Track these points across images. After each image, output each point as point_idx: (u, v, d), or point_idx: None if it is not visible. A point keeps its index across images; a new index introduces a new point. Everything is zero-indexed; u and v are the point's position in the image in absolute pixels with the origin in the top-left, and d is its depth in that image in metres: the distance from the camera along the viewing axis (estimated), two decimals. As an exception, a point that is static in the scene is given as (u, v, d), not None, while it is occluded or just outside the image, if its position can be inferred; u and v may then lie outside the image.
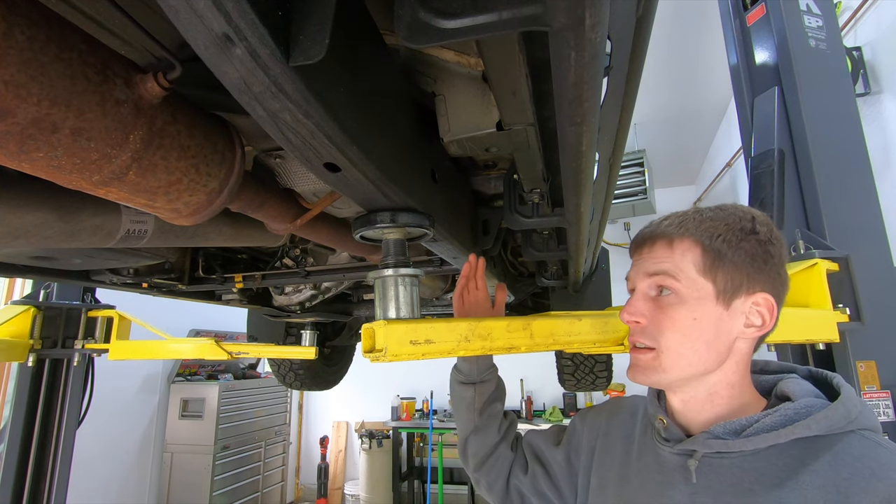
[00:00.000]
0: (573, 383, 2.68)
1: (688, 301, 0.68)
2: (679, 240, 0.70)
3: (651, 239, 0.73)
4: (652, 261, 0.72)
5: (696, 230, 0.69)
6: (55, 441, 2.12)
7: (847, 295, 1.58)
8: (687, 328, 0.68)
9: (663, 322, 0.69)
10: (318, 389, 2.82)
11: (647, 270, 0.72)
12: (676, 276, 0.69)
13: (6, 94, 0.40)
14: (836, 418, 0.63)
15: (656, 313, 0.70)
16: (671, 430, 0.73)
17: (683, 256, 0.69)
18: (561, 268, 1.64)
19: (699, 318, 0.68)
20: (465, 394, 1.05)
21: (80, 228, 0.80)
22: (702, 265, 0.68)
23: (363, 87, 0.54)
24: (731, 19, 2.19)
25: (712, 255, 0.67)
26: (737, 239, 0.68)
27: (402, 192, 0.66)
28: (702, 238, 0.68)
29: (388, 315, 0.79)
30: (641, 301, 0.72)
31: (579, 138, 0.51)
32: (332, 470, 6.08)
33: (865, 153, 1.79)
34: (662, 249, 0.71)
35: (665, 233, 0.72)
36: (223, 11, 0.31)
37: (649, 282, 0.72)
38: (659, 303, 0.70)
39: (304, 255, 1.57)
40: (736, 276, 0.67)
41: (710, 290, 0.68)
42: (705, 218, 0.70)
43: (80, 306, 2.14)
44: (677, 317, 0.68)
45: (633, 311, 0.72)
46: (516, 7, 0.34)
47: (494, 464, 1.00)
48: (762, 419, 0.65)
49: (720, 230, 0.68)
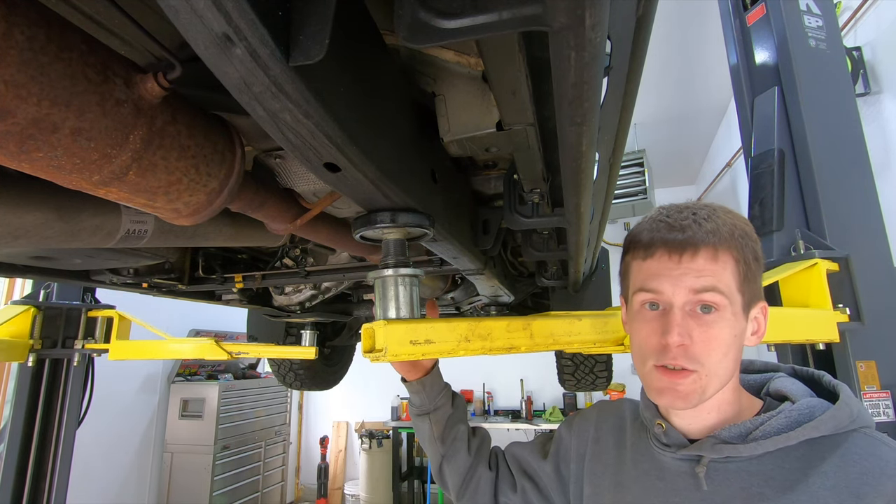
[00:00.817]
0: (573, 383, 2.68)
1: (729, 318, 0.64)
2: (723, 251, 0.65)
3: (693, 246, 0.65)
4: (696, 273, 0.64)
5: (730, 239, 0.65)
6: (55, 441, 2.12)
7: (847, 295, 1.58)
8: (729, 347, 0.64)
9: (709, 343, 0.64)
10: (318, 389, 2.82)
11: (692, 286, 0.64)
12: (724, 291, 0.64)
13: (6, 94, 0.40)
14: (841, 418, 0.63)
15: (700, 332, 0.64)
16: (672, 436, 0.72)
17: (725, 269, 0.64)
18: (561, 268, 1.64)
19: (738, 334, 0.66)
20: (423, 425, 0.99)
21: (80, 228, 0.80)
22: (737, 278, 0.65)
23: (363, 87, 0.54)
24: (731, 19, 2.19)
25: (744, 266, 0.65)
26: (753, 248, 0.67)
27: (402, 192, 0.66)
28: (737, 248, 0.65)
29: (388, 315, 0.79)
30: (686, 320, 0.65)
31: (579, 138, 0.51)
32: (332, 470, 6.08)
33: (865, 153, 1.79)
34: (707, 262, 0.64)
35: (707, 241, 0.65)
36: (223, 11, 0.31)
37: (694, 298, 0.64)
38: (701, 321, 0.64)
39: (304, 255, 1.57)
40: (754, 286, 0.67)
41: (741, 303, 0.66)
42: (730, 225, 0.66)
43: (80, 306, 2.14)
44: (723, 336, 0.64)
45: (683, 331, 0.64)
46: (516, 7, 0.34)
47: (476, 488, 0.95)
48: (767, 421, 0.65)
49: (745, 239, 0.66)
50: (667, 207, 0.72)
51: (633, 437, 0.81)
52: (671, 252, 0.66)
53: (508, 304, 2.14)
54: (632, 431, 0.82)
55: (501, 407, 5.88)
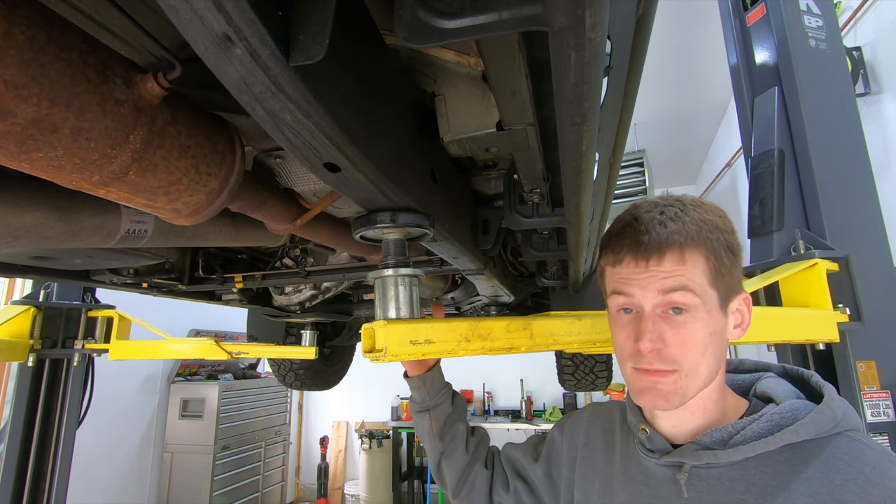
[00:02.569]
0: (573, 383, 2.68)
1: (702, 317, 0.63)
2: (689, 250, 0.63)
3: (658, 250, 0.64)
4: (664, 275, 0.64)
5: (698, 235, 0.64)
6: (55, 441, 2.12)
7: (847, 295, 1.58)
8: (706, 346, 0.63)
9: (685, 344, 0.63)
10: (318, 389, 2.82)
11: (660, 287, 0.63)
12: (695, 290, 0.63)
13: (6, 94, 0.40)
14: (823, 422, 0.62)
15: (674, 334, 0.63)
16: (655, 441, 0.71)
17: (695, 268, 0.63)
18: (561, 268, 1.64)
19: (714, 332, 0.64)
20: (423, 422, 1.00)
21: (80, 228, 0.80)
22: (709, 274, 0.64)
23: (363, 87, 0.54)
24: (731, 19, 2.19)
25: (716, 262, 0.64)
26: (726, 241, 0.65)
27: (401, 192, 0.66)
28: (706, 244, 0.64)
29: (388, 315, 0.79)
30: (656, 324, 0.64)
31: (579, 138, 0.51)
32: (332, 470, 6.08)
33: (865, 153, 1.79)
34: (674, 264, 0.63)
35: (673, 241, 0.64)
36: (223, 11, 0.31)
37: (663, 300, 0.64)
38: (673, 322, 0.64)
39: (304, 255, 1.57)
40: (730, 279, 0.66)
41: (716, 299, 0.64)
42: (698, 221, 0.65)
43: (80, 306, 2.14)
44: (697, 336, 0.63)
45: (654, 337, 0.63)
46: (516, 7, 0.34)
47: (473, 485, 0.97)
48: (748, 426, 0.64)
49: (715, 233, 0.65)
50: (637, 206, 0.71)
51: (622, 442, 0.80)
52: (637, 258, 0.66)
53: (508, 304, 2.14)
54: (621, 435, 0.82)
55: (501, 407, 5.88)
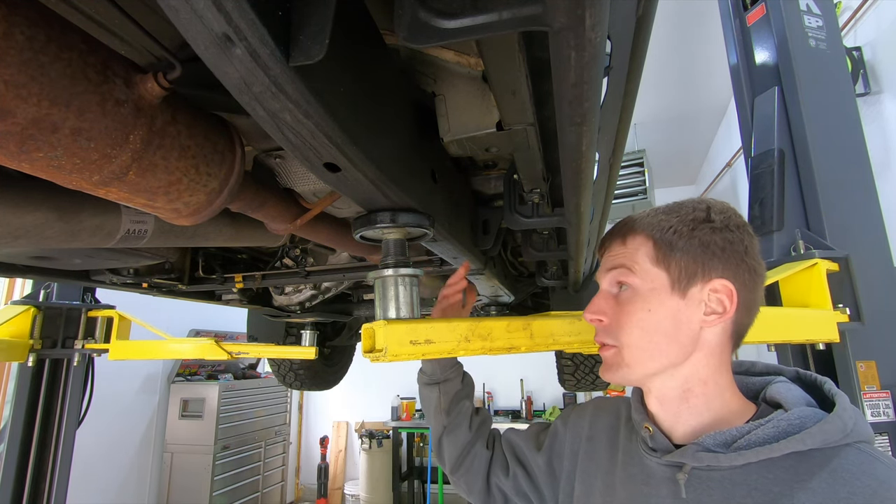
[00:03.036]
0: (573, 383, 2.68)
1: (643, 293, 0.69)
2: (631, 236, 0.72)
3: (609, 239, 0.76)
4: (609, 259, 0.74)
5: (647, 226, 0.71)
6: (55, 441, 2.12)
7: (847, 295, 1.58)
8: (644, 321, 0.68)
9: (622, 318, 0.70)
10: (318, 389, 2.82)
11: (606, 267, 0.74)
12: (631, 267, 0.70)
13: (6, 94, 0.40)
14: (831, 432, 0.60)
15: (616, 310, 0.71)
16: (657, 440, 0.71)
17: (637, 250, 0.71)
18: (561, 268, 1.64)
19: (654, 309, 0.68)
20: (431, 394, 1.04)
21: (80, 228, 0.80)
22: (654, 257, 0.69)
23: (363, 87, 0.54)
24: (731, 19, 2.19)
25: (664, 246, 0.68)
26: (688, 229, 0.68)
27: (402, 192, 0.66)
28: (652, 232, 0.70)
29: (388, 315, 0.79)
30: (602, 299, 0.74)
31: (579, 138, 0.51)
32: (332, 470, 6.08)
33: (865, 153, 1.79)
34: (618, 247, 0.74)
35: (618, 232, 0.75)
36: (223, 11, 0.31)
37: (608, 278, 0.74)
38: (618, 299, 0.72)
39: (304, 255, 1.57)
40: (690, 264, 0.67)
41: (664, 279, 0.68)
42: (658, 213, 0.72)
43: (80, 306, 2.14)
44: (633, 310, 0.69)
45: (595, 309, 0.73)
46: (516, 7, 0.34)
47: (471, 464, 0.98)
48: (754, 430, 0.63)
49: (671, 223, 0.69)
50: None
51: (625, 439, 0.80)
52: (600, 249, 0.79)
53: (508, 304, 2.14)
54: (624, 432, 0.81)
55: (501, 407, 5.88)
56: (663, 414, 0.72)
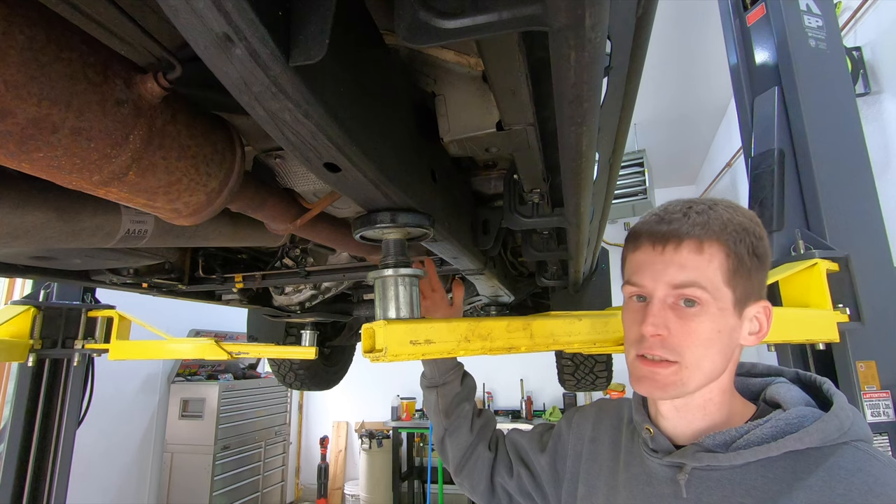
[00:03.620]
0: (573, 383, 2.68)
1: (713, 313, 0.64)
2: (709, 243, 0.64)
3: (676, 238, 0.65)
4: (678, 267, 0.64)
5: (721, 232, 0.64)
6: (55, 441, 2.12)
7: (847, 295, 1.58)
8: (710, 341, 0.64)
9: (689, 336, 0.64)
10: (318, 389, 2.82)
11: (672, 280, 0.65)
12: (706, 286, 0.63)
13: (6, 94, 0.40)
14: (828, 431, 0.61)
15: (680, 325, 0.64)
16: (659, 441, 0.71)
17: (710, 263, 0.64)
18: (561, 268, 1.64)
19: (722, 330, 0.64)
20: (430, 397, 1.04)
21: (80, 228, 0.80)
22: (726, 273, 0.64)
23: (363, 87, 0.54)
24: (731, 19, 2.19)
25: (735, 261, 0.64)
26: (753, 244, 0.65)
27: (401, 192, 0.66)
28: (727, 242, 0.64)
29: (388, 315, 0.79)
30: (664, 311, 0.65)
31: (579, 138, 0.51)
32: (332, 470, 6.08)
33: (865, 153, 1.79)
34: (690, 253, 0.64)
35: (692, 233, 0.64)
36: (223, 11, 0.31)
37: (674, 292, 0.65)
38: (682, 313, 0.65)
39: (304, 255, 1.57)
40: (749, 283, 0.65)
41: (730, 299, 0.65)
42: (726, 219, 0.65)
43: (80, 306, 2.14)
44: (703, 330, 0.64)
45: (658, 322, 0.65)
46: (516, 7, 0.34)
47: (475, 465, 0.98)
48: (752, 430, 0.64)
49: (741, 234, 0.65)
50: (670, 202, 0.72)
51: (628, 440, 0.81)
52: (654, 244, 0.67)
53: (508, 304, 2.14)
54: (627, 434, 0.82)
55: (501, 407, 5.88)
56: (676, 420, 0.71)
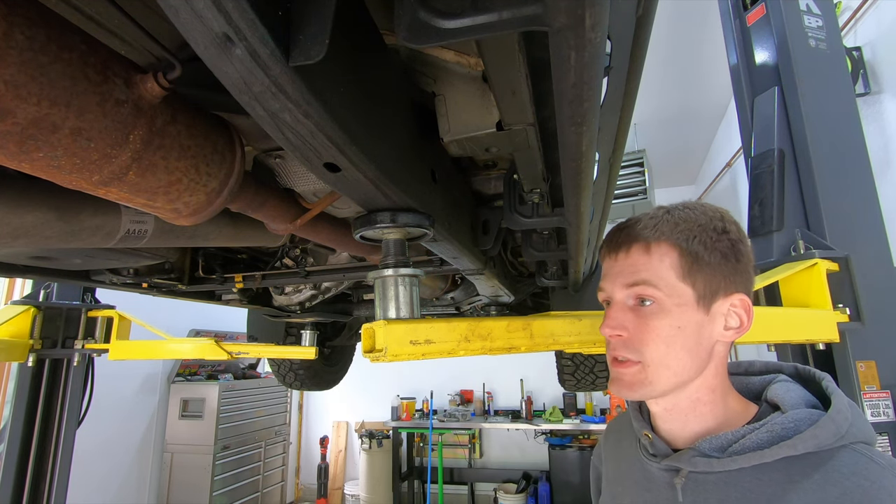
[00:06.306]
0: (573, 383, 2.68)
1: (670, 310, 0.65)
2: (656, 244, 0.67)
3: (626, 243, 0.69)
4: (630, 269, 0.68)
5: (671, 232, 0.66)
6: (55, 441, 2.12)
7: (847, 295, 1.58)
8: (671, 338, 0.65)
9: (647, 334, 0.66)
10: (318, 389, 2.82)
11: (625, 281, 0.68)
12: (657, 284, 0.65)
13: (6, 94, 0.40)
14: (824, 437, 0.60)
15: (638, 324, 0.67)
16: (657, 445, 0.72)
17: (661, 262, 0.66)
18: (561, 268, 1.64)
19: (683, 326, 0.65)
20: None
21: (80, 228, 0.80)
22: (681, 270, 0.65)
23: (363, 87, 0.54)
24: (731, 19, 2.19)
25: (690, 258, 0.65)
26: (711, 240, 0.65)
27: (401, 192, 0.66)
28: (678, 241, 0.66)
29: (388, 315, 0.79)
30: (621, 312, 0.68)
31: (579, 138, 0.51)
32: (332, 470, 6.08)
33: (865, 153, 1.79)
34: (639, 255, 0.68)
35: (640, 236, 0.68)
36: (223, 11, 0.31)
37: (628, 292, 0.68)
38: (640, 313, 0.67)
39: (304, 255, 1.57)
40: (714, 278, 0.65)
41: (690, 295, 0.65)
42: (678, 219, 0.67)
43: (80, 306, 2.14)
44: (661, 327, 0.65)
45: (615, 324, 0.68)
46: (516, 7, 0.34)
47: None
48: (748, 435, 0.63)
49: (695, 231, 0.66)
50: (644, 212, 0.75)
51: (630, 448, 0.81)
52: (610, 251, 0.72)
53: (508, 304, 2.14)
54: (629, 441, 0.83)
55: (501, 407, 5.88)
56: (671, 422, 0.71)
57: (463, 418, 5.46)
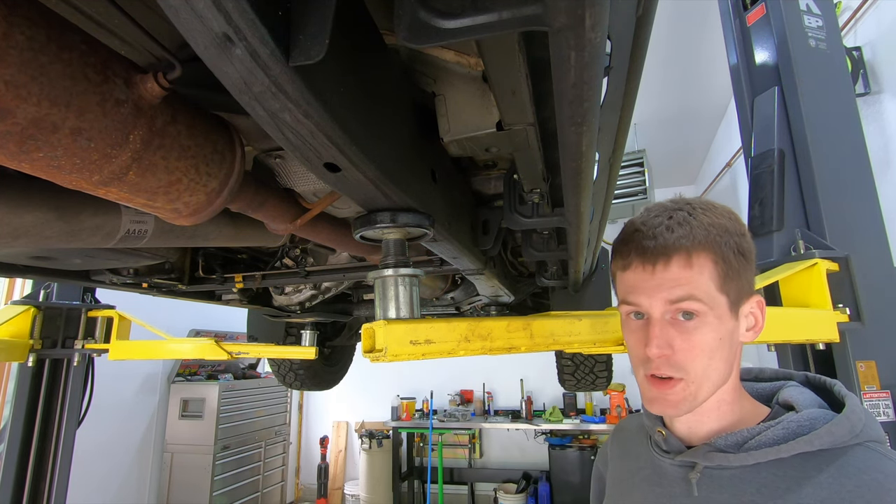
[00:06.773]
0: (573, 383, 2.68)
1: (712, 322, 0.63)
2: (696, 255, 0.63)
3: (665, 255, 0.64)
4: (670, 283, 0.64)
5: (705, 239, 0.64)
6: (55, 441, 2.12)
7: (847, 295, 1.58)
8: (713, 351, 0.64)
9: (692, 350, 0.63)
10: (318, 389, 2.82)
11: (667, 297, 0.64)
12: (702, 298, 0.63)
13: (6, 94, 0.40)
14: (839, 433, 0.61)
15: (682, 340, 0.64)
16: (671, 442, 0.72)
17: (702, 274, 0.63)
18: (561, 268, 1.64)
19: (723, 337, 0.64)
20: None
21: (80, 228, 0.80)
22: (718, 280, 0.63)
23: (363, 87, 0.54)
24: (731, 19, 2.19)
25: (724, 266, 0.63)
26: (736, 244, 0.65)
27: (401, 192, 0.66)
28: (713, 248, 0.64)
29: (388, 315, 0.79)
30: (664, 329, 0.65)
31: (579, 138, 0.51)
32: (332, 470, 6.08)
33: (865, 153, 1.79)
34: (681, 269, 0.64)
35: (678, 245, 0.64)
36: (223, 11, 0.31)
37: (672, 308, 0.64)
38: (682, 328, 0.64)
39: (304, 255, 1.57)
40: (740, 283, 0.65)
41: (725, 304, 0.64)
42: (707, 224, 0.65)
43: (80, 306, 2.14)
44: (705, 341, 0.63)
45: (662, 343, 0.64)
46: (516, 7, 0.34)
47: None
48: (764, 432, 0.64)
49: (724, 237, 0.64)
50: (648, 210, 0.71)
51: (639, 445, 0.82)
52: (644, 263, 0.66)
53: (508, 304, 2.14)
54: (638, 439, 0.83)
55: (501, 407, 5.88)
56: (692, 422, 0.71)
57: (463, 418, 5.46)
